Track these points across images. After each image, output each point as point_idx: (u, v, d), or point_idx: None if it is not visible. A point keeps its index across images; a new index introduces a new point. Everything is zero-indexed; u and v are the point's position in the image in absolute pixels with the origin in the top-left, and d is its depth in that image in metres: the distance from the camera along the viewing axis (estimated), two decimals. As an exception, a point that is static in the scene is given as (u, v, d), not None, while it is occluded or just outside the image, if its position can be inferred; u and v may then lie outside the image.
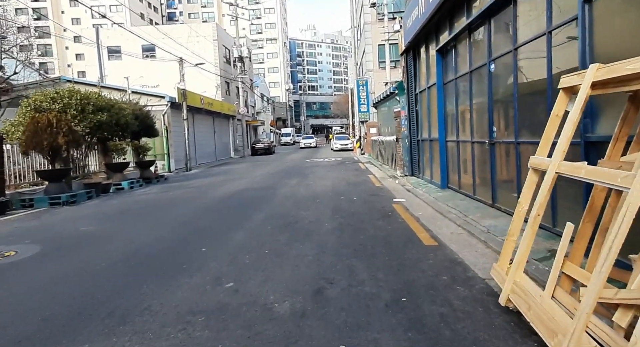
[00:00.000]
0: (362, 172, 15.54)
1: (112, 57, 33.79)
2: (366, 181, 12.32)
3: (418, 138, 11.26)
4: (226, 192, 11.05)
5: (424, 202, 7.95)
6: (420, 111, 10.96)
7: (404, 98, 12.35)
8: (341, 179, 12.99)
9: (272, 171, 17.51)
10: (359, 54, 35.50)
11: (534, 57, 5.15)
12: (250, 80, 46.39)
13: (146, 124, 15.16)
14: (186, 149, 20.51)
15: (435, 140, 9.55)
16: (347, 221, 6.57)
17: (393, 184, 11.34)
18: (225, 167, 21.85)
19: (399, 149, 13.22)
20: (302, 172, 16.16)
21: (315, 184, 11.88)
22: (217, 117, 29.96)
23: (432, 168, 9.95)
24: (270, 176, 15.16)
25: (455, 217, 6.33)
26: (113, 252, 5.22)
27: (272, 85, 79.26)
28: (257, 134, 47.82)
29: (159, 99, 19.84)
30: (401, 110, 12.84)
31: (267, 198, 9.50)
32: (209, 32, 33.63)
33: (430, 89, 9.79)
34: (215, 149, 29.21)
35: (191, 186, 13.32)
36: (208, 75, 32.15)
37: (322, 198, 9.14)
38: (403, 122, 12.55)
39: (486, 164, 6.67)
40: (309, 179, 13.63)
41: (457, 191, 8.33)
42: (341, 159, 23.53)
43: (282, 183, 12.58)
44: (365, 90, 27.27)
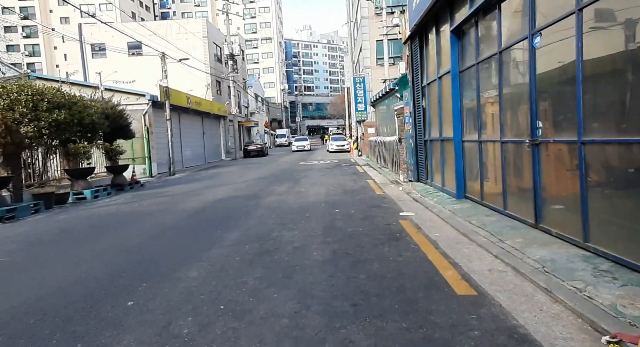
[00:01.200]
0: (360, 176, 13.96)
1: (96, 55, 32.14)
2: (365, 188, 10.74)
3: (425, 138, 9.70)
4: (202, 202, 9.44)
5: (439, 218, 6.37)
6: (429, 107, 9.40)
7: (408, 92, 10.78)
8: (336, 185, 11.40)
9: (261, 175, 15.91)
10: (356, 51, 33.94)
11: (611, 21, 3.59)
12: (244, 80, 44.79)
13: (119, 125, 13.54)
14: (169, 151, 18.87)
15: (448, 140, 7.99)
16: (342, 246, 4.98)
17: (396, 192, 9.76)
18: (212, 171, 20.24)
19: (402, 151, 11.65)
20: (294, 177, 14.57)
21: (306, 192, 10.29)
22: (206, 118, 28.34)
23: (444, 173, 8.38)
24: (258, 181, 13.56)
25: (486, 241, 4.75)
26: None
27: (267, 85, 77.65)
28: (250, 136, 46.19)
29: (138, 98, 18.20)
30: (405, 107, 11.28)
31: (248, 211, 7.89)
32: (198, 28, 32.01)
33: (441, 79, 8.23)
34: (204, 151, 27.58)
35: (166, 193, 11.69)
36: (198, 74, 30.53)
37: (313, 211, 7.54)
38: (407, 120, 10.98)
39: (525, 170, 5.11)
40: (301, 184, 12.04)
41: (478, 202, 6.76)
42: (337, 162, 21.96)
43: (270, 190, 10.98)
44: (363, 88, 25.72)
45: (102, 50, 31.88)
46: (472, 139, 7.02)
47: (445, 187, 8.32)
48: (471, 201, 7.05)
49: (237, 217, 7.34)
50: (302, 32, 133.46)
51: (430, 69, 9.17)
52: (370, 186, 11.19)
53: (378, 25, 26.73)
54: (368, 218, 6.69)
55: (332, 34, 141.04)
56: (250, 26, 77.82)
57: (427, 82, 9.30)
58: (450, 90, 7.57)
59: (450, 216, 6.30)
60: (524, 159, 5.14)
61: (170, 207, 8.91)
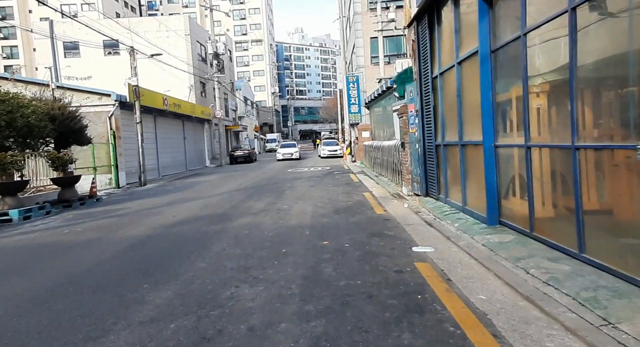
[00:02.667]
0: (355, 187, 11.94)
1: (69, 54, 29.91)
2: (362, 204, 8.72)
3: (437, 142, 7.73)
4: (154, 226, 7.34)
5: (474, 260, 4.36)
6: (442, 103, 7.43)
7: (414, 87, 8.82)
8: (327, 201, 9.37)
9: (242, 186, 13.84)
10: (348, 50, 32.08)
11: None
12: (231, 82, 42.71)
13: (69, 128, 11.40)
14: (140, 159, 16.72)
15: (473, 145, 6.01)
16: (331, 328, 2.95)
17: (401, 210, 7.76)
18: (191, 180, 18.11)
19: (406, 158, 9.66)
20: (279, 188, 12.51)
21: (289, 211, 8.25)
22: (188, 121, 26.21)
23: (466, 188, 6.39)
24: (236, 194, 11.49)
25: (580, 323, 2.74)
26: None
27: (258, 89, 75.59)
28: (238, 141, 44.06)
29: (101, 97, 16.03)
30: (409, 104, 9.31)
31: (206, 242, 5.83)
32: (180, 26, 29.92)
33: (462, 65, 6.26)
34: (185, 158, 25.41)
35: (118, 212, 9.56)
36: (180, 76, 28.43)
37: (293, 244, 5.50)
38: (412, 120, 9.01)
39: (628, 191, 3.12)
40: (284, 199, 9.99)
41: (524, 233, 4.78)
42: (329, 168, 19.94)
43: (245, 207, 8.92)
44: (356, 87, 23.79)
45: (75, 49, 29.67)
46: (513, 143, 5.04)
47: (467, 207, 6.33)
48: (512, 230, 5.06)
49: (186, 254, 5.28)
50: (294, 35, 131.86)
51: (444, 54, 7.20)
52: (367, 201, 9.18)
53: (372, 21, 24.89)
54: (369, 258, 4.66)
55: (324, 37, 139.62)
56: (240, 28, 75.83)
57: (440, 72, 7.33)
58: (477, 77, 5.60)
59: (490, 257, 4.29)
60: (624, 173, 3.16)
61: (108, 236, 6.79)
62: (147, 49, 23.85)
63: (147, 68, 27.15)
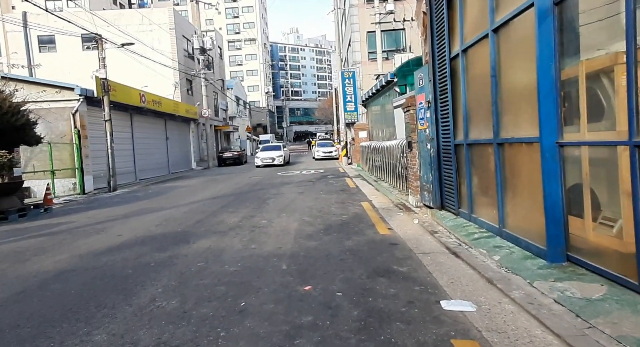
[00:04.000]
0: (351, 195, 10.16)
1: (44, 49, 27.96)
2: (360, 219, 6.93)
3: (457, 141, 5.97)
4: (79, 253, 5.51)
5: (553, 335, 2.57)
6: (464, 89, 5.66)
7: (424, 72, 7.06)
8: (317, 214, 7.58)
9: (222, 192, 12.02)
10: (344, 46, 30.34)
11: None
12: (222, 81, 40.87)
13: (10, 125, 9.54)
14: (109, 161, 14.85)
15: (519, 143, 4.26)
16: None
17: (411, 228, 5.98)
18: (168, 185, 16.27)
19: (414, 161, 7.89)
20: (262, 196, 10.71)
21: (267, 229, 6.44)
22: (171, 120, 24.33)
23: (506, 203, 4.61)
24: (210, 204, 9.67)
25: None
26: None
27: (251, 89, 73.74)
28: (229, 142, 42.20)
29: (59, 91, 14.12)
30: (417, 96, 7.54)
31: (129, 289, 4.00)
32: (164, 19, 28.05)
33: (500, 31, 4.50)
34: (168, 160, 23.52)
35: (55, 229, 7.71)
36: (164, 73, 26.58)
37: (259, 293, 3.69)
38: (421, 114, 7.25)
39: None
40: (265, 211, 8.19)
41: (622, 283, 3.00)
42: (323, 171, 18.15)
43: (213, 223, 7.10)
44: (352, 84, 22.03)
45: (51, 44, 27.73)
46: (598, 140, 3.28)
47: (507, 230, 4.55)
48: (592, 273, 3.28)
49: (92, 310, 3.46)
50: (289, 35, 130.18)
51: (469, 24, 5.44)
52: (366, 214, 7.39)
53: (369, 13, 23.18)
54: (375, 326, 2.86)
55: (319, 38, 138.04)
56: (234, 26, 73.94)
57: (463, 48, 5.57)
58: (527, 45, 3.85)
59: (585, 337, 2.51)
60: None
61: (8, 271, 4.95)
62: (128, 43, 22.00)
63: (128, 64, 25.30)
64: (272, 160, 23.48)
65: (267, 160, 23.55)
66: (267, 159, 23.59)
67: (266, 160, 23.56)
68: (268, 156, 23.74)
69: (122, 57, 24.49)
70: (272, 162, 23.43)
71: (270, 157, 23.66)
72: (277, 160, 23.61)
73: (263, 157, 23.78)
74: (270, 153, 24.07)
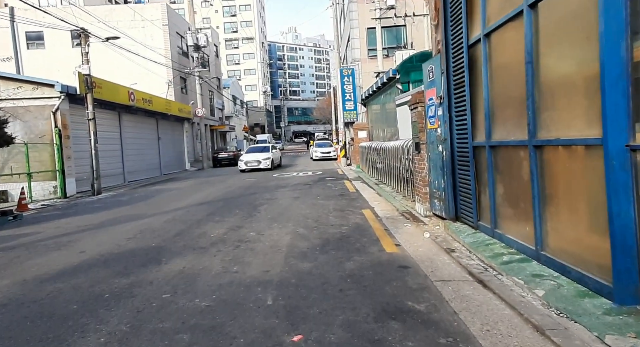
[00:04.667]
0: (351, 201, 9.26)
1: (32, 46, 26.97)
2: (362, 232, 6.03)
3: (477, 142, 5.09)
4: (22, 278, 4.60)
5: None
6: (486, 81, 4.77)
7: (435, 64, 6.16)
8: (313, 224, 6.68)
9: (211, 196, 11.12)
10: (343, 43, 29.44)
11: None
12: (217, 79, 39.94)
13: (-25, 124, 8.60)
14: (92, 163, 13.93)
15: (567, 146, 3.36)
16: None
17: (423, 244, 5.09)
18: (157, 187, 15.35)
19: (422, 164, 7.00)
20: (254, 201, 9.81)
21: (254, 245, 5.53)
22: (163, 120, 23.39)
23: (547, 220, 3.72)
24: (195, 211, 8.77)
25: None
26: None
27: (249, 88, 72.78)
28: (226, 142, 41.27)
29: (36, 87, 13.15)
30: (426, 91, 6.66)
31: (63, 337, 3.10)
32: (157, 15, 27.11)
33: (539, 6, 3.61)
34: (159, 161, 22.58)
35: (14, 242, 6.79)
36: (157, 71, 25.67)
37: (235, 340, 2.80)
38: (432, 112, 6.36)
39: None
40: (255, 220, 7.29)
41: None
42: (320, 173, 17.26)
43: (194, 236, 6.20)
44: (352, 82, 21.13)
45: (39, 40, 26.75)
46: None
47: (546, 254, 3.66)
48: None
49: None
50: (287, 34, 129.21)
51: (493, 2, 4.55)
52: (369, 225, 6.49)
53: (369, 8, 22.29)
54: None
55: (318, 38, 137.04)
56: (231, 25, 72.93)
57: (485, 33, 4.67)
58: (574, 24, 2.97)
59: None
60: None
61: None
62: (119, 41, 21.08)
63: (119, 62, 24.40)
64: (257, 163, 20.10)
65: (252, 163, 20.16)
66: (252, 162, 20.18)
67: (251, 164, 20.14)
68: (253, 159, 20.30)
69: (114, 55, 23.58)
70: (257, 166, 20.07)
71: (256, 160, 20.20)
72: (264, 163, 20.13)
73: (247, 160, 20.28)
74: (256, 155, 20.61)
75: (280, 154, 22.61)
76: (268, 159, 20.35)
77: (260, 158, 20.27)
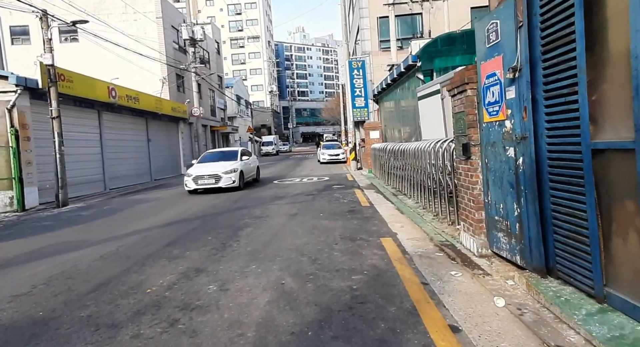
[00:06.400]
0: (365, 221, 6.93)
1: (17, 41, 25.15)
2: (386, 287, 3.69)
3: (604, 142, 2.76)
4: None
5: None
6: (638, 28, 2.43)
7: (507, 12, 3.80)
8: (309, 268, 4.36)
9: (188, 212, 8.90)
10: (352, 37, 27.12)
11: None
12: (220, 78, 37.93)
13: None
14: (57, 169, 11.81)
15: None
16: None
17: (501, 329, 2.74)
18: (136, 197, 13.20)
19: (473, 177, 4.64)
20: (237, 222, 7.54)
21: (208, 315, 3.23)
22: (154, 120, 21.29)
23: None
24: (155, 237, 6.54)
25: None
26: None
27: (255, 88, 70.79)
28: (229, 143, 39.22)
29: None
30: (482, 64, 4.31)
31: None
32: (150, 7, 25.11)
33: None
34: (150, 165, 20.48)
35: None
36: (151, 68, 23.67)
37: None
38: (494, 95, 4.03)
39: None
40: (228, 256, 5.00)
41: None
42: (327, 179, 14.96)
43: (123, 292, 3.94)
44: (362, 75, 18.80)
45: (25, 35, 24.91)
46: None
47: None
48: None
49: None
50: (295, 34, 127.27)
51: None
52: (397, 274, 4.15)
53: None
54: None
55: (326, 38, 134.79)
56: (236, 23, 71.04)
57: None
58: None
59: None
60: None
61: None
62: (108, 34, 19.10)
63: (109, 59, 22.44)
64: (214, 180, 12.27)
65: (204, 180, 12.30)
66: (204, 177, 12.31)
67: (203, 182, 12.31)
68: (208, 172, 12.39)
69: (102, 52, 21.63)
70: (214, 184, 12.27)
71: (212, 173, 12.33)
72: (225, 179, 12.32)
73: (199, 174, 12.42)
74: (214, 167, 12.73)
75: (259, 164, 16.06)
76: (233, 172, 12.60)
77: (219, 170, 12.44)
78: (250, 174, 14.49)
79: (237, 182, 12.64)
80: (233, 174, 12.57)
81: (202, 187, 12.43)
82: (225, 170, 12.49)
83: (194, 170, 12.78)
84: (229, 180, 12.44)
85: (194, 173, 12.56)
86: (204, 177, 12.37)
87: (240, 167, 13.08)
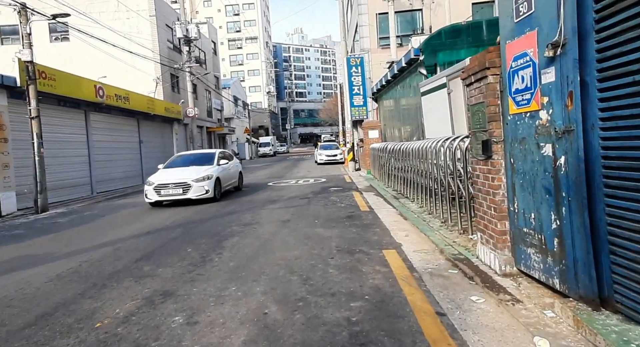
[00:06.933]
0: (365, 229, 6.16)
1: (6, 41, 24.38)
2: (392, 319, 2.92)
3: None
4: None
5: None
6: None
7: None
8: (298, 292, 3.58)
9: (171, 219, 8.14)
10: (350, 34, 26.40)
11: None
12: (216, 78, 37.19)
13: None
14: (35, 172, 11.04)
15: None
16: None
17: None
18: (120, 202, 12.45)
19: (495, 180, 3.88)
20: (223, 231, 6.77)
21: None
22: (146, 120, 20.52)
23: None
24: (128, 248, 5.77)
25: None
26: None
27: (253, 89, 70.06)
28: (225, 145, 38.46)
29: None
30: (508, 43, 3.55)
31: None
32: (143, 5, 24.36)
33: None
34: (141, 167, 19.69)
35: None
36: (144, 68, 22.92)
37: None
38: (524, 82, 3.27)
39: None
40: (205, 275, 4.24)
41: None
42: (324, 181, 14.20)
43: (66, 328, 3.17)
44: (361, 72, 18.06)
45: (15, 35, 24.10)
46: None
47: None
48: None
49: None
50: (293, 35, 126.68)
51: None
52: (404, 299, 3.38)
53: (381, -12, 19.21)
54: None
55: (325, 39, 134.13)
56: (234, 24, 70.31)
57: None
58: None
59: None
60: None
61: None
62: (98, 31, 18.33)
63: (100, 59, 21.67)
64: (182, 190, 10.01)
65: (168, 190, 10.03)
66: (168, 186, 10.06)
67: (167, 192, 10.03)
68: (173, 180, 10.14)
69: (93, 51, 20.86)
70: (181, 194, 10.01)
71: (180, 182, 10.08)
72: (196, 189, 10.06)
73: (161, 182, 10.15)
74: (181, 173, 10.46)
75: (242, 168, 13.63)
76: (206, 179, 10.31)
77: (189, 177, 10.16)
78: (230, 182, 12.10)
79: (212, 192, 10.22)
80: (206, 182, 10.17)
81: (167, 198, 10.04)
82: (196, 178, 10.10)
83: (157, 177, 10.34)
84: (201, 190, 10.04)
85: (155, 181, 10.13)
86: (168, 187, 9.97)
87: (217, 173, 10.73)
